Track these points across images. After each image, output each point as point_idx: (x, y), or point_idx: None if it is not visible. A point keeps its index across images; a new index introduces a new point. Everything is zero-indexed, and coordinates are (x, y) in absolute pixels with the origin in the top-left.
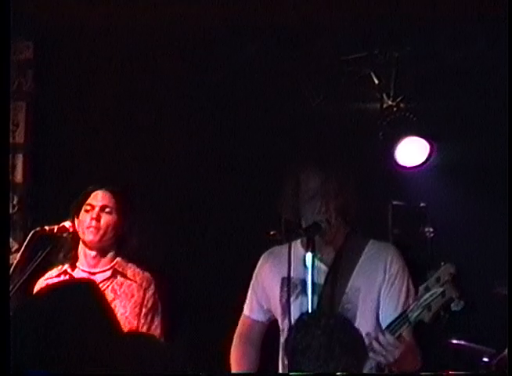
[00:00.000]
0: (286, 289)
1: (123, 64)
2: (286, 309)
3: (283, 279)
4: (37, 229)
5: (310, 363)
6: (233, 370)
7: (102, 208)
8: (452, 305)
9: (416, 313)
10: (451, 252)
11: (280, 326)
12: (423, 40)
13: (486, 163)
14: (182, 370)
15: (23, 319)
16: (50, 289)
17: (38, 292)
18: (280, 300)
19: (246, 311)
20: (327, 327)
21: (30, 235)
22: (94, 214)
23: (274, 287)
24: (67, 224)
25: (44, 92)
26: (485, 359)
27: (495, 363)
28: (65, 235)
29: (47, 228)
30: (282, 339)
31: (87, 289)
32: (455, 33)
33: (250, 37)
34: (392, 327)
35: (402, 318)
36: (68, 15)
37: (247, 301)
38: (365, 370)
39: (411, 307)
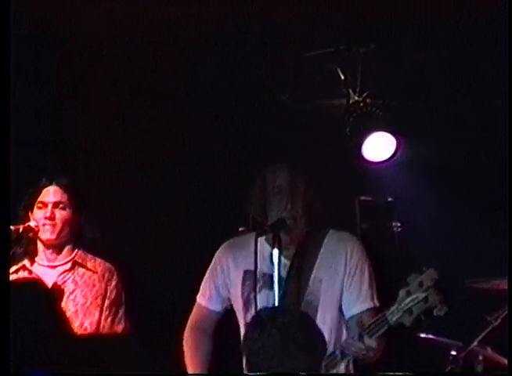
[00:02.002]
0: (248, 283)
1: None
2: (249, 303)
3: (245, 272)
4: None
5: (266, 362)
6: (187, 360)
7: (56, 205)
8: (434, 310)
9: (396, 317)
10: (417, 246)
11: (241, 320)
12: (388, 36)
13: (452, 157)
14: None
15: None
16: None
17: None
18: (242, 293)
19: (202, 301)
20: (282, 325)
21: None
22: (48, 212)
23: (235, 278)
24: (32, 223)
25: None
26: (453, 353)
27: (462, 357)
28: (30, 235)
29: (12, 228)
30: (242, 333)
31: (36, 289)
32: (420, 29)
33: (216, 35)
34: (371, 328)
35: (380, 320)
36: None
37: (203, 291)
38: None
39: (391, 310)
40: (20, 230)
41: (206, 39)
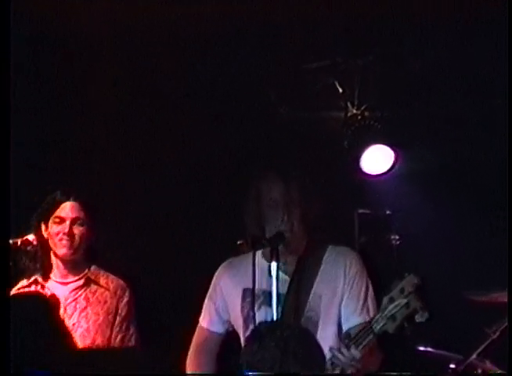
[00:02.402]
0: (248, 300)
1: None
2: (249, 320)
3: (244, 290)
4: None
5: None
6: None
7: (74, 221)
8: (416, 316)
9: (380, 325)
10: (417, 259)
11: (242, 338)
12: (386, 48)
13: (451, 170)
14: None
15: None
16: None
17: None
18: (242, 311)
19: (203, 323)
20: (281, 339)
21: None
22: (66, 228)
23: (235, 298)
24: (31, 237)
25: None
26: (452, 366)
27: (461, 369)
28: (29, 248)
29: (10, 241)
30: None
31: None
32: (420, 30)
33: (211, 45)
34: (357, 338)
35: (366, 329)
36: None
37: (204, 313)
38: None
39: (375, 318)
40: (18, 243)
41: (206, 39)
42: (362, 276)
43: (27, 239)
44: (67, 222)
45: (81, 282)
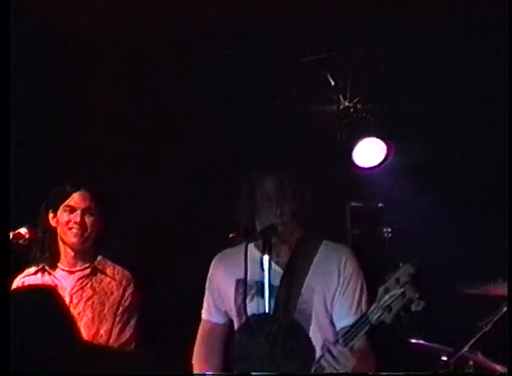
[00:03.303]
0: (241, 291)
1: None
2: (241, 310)
3: (237, 281)
4: None
5: (253, 368)
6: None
7: (84, 211)
8: (412, 305)
9: (376, 315)
10: (409, 252)
11: (236, 328)
12: (379, 41)
13: (442, 163)
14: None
15: None
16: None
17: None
18: (235, 302)
19: (204, 315)
20: (270, 333)
21: None
22: (77, 217)
23: (228, 290)
24: (23, 230)
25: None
26: (444, 358)
27: (453, 362)
28: (21, 242)
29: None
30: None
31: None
32: (413, 36)
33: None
34: (353, 330)
35: (362, 320)
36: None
37: (205, 305)
38: None
39: (371, 309)
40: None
41: (206, 39)
42: (358, 276)
43: (18, 232)
44: (78, 211)
45: (88, 271)
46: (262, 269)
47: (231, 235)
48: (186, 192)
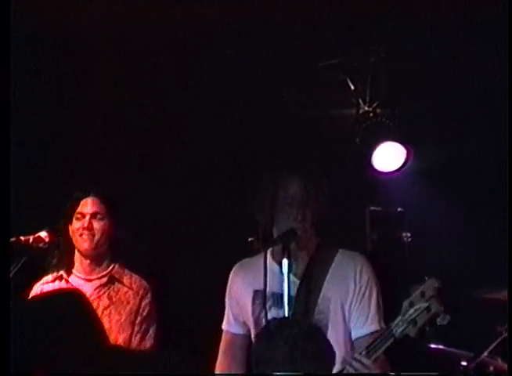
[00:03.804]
0: (258, 302)
1: (116, 63)
2: (259, 321)
3: (255, 291)
4: (13, 239)
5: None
6: None
7: (93, 215)
8: (438, 319)
9: (401, 329)
10: (428, 257)
11: (253, 339)
12: (398, 45)
13: (462, 167)
14: None
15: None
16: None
17: (32, 298)
18: (253, 313)
19: (224, 325)
20: (290, 337)
21: None
22: (86, 222)
23: (246, 300)
24: (43, 234)
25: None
26: (464, 363)
27: (473, 367)
28: (41, 245)
29: (22, 238)
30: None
31: (75, 299)
32: (430, 37)
33: (229, 43)
34: (377, 342)
35: (386, 333)
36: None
37: (225, 316)
38: None
39: (396, 322)
40: (30, 241)
41: (206, 39)
42: (373, 285)
43: (39, 236)
44: (87, 217)
45: (105, 280)
46: (281, 274)
47: (250, 239)
48: (203, 195)
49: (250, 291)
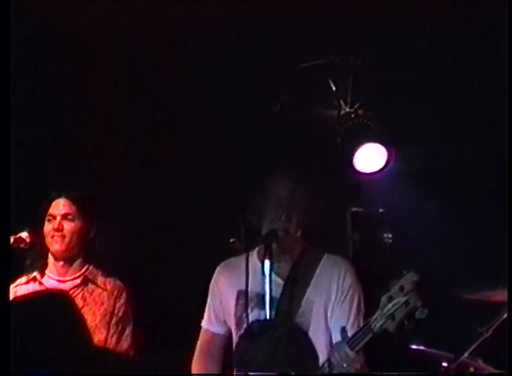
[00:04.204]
0: (241, 302)
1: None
2: (241, 322)
3: (238, 292)
4: None
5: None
6: None
7: (64, 217)
8: (416, 313)
9: (379, 323)
10: (409, 257)
11: (234, 339)
12: (379, 47)
13: (443, 168)
14: None
15: None
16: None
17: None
18: (235, 313)
19: (204, 324)
20: (273, 338)
21: None
22: (56, 223)
23: (229, 300)
24: (24, 235)
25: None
26: (444, 364)
27: (453, 368)
28: (22, 246)
29: (16, 238)
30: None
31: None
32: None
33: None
34: (356, 338)
35: (365, 329)
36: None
37: (205, 314)
38: None
39: (374, 317)
40: (11, 241)
41: (206, 39)
42: (356, 290)
43: (20, 236)
44: (58, 219)
45: (79, 281)
46: (263, 276)
47: (231, 240)
48: (185, 193)
49: (234, 292)
